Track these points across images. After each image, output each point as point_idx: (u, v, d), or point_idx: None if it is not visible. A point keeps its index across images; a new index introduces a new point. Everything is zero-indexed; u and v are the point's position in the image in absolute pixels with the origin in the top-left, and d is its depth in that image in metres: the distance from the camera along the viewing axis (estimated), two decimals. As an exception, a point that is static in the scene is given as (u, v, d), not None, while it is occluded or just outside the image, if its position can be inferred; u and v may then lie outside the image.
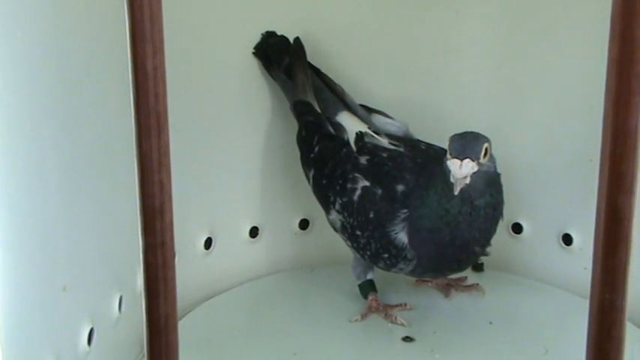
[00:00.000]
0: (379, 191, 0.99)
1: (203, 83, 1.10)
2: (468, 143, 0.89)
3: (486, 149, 0.90)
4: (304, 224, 1.20)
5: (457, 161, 0.88)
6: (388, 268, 1.00)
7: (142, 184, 0.36)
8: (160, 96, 0.35)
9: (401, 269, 0.99)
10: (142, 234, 0.37)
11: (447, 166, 0.90)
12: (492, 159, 0.92)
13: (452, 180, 0.88)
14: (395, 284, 1.10)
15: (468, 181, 0.88)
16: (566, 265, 1.13)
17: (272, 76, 1.13)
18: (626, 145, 0.34)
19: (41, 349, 0.77)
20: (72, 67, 0.83)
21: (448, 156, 0.89)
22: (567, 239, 1.14)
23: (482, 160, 0.89)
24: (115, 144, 0.92)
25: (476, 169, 0.88)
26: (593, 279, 0.36)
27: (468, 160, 0.88)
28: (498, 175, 0.95)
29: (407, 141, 1.04)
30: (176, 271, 0.39)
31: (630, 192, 0.35)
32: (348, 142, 1.05)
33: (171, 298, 0.38)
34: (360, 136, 1.05)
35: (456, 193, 0.88)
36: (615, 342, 0.36)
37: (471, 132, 0.91)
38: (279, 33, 1.13)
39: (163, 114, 0.35)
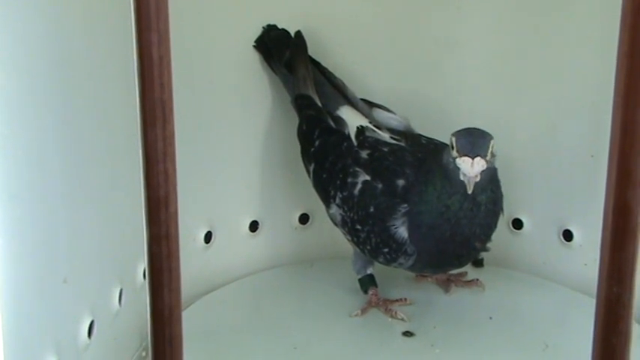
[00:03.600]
0: (380, 186, 0.99)
1: (203, 77, 1.10)
2: (477, 141, 0.89)
3: (492, 146, 0.90)
4: (304, 219, 1.20)
5: (468, 159, 0.88)
6: (388, 262, 1.00)
7: (146, 175, 0.36)
8: (166, 85, 0.35)
9: (401, 264, 0.99)
10: (146, 225, 0.37)
11: (450, 163, 0.89)
12: (494, 155, 0.92)
13: (462, 178, 0.88)
14: (395, 279, 1.10)
15: (478, 179, 0.88)
16: (567, 261, 1.14)
17: (273, 69, 1.13)
18: (636, 139, 0.34)
19: (42, 340, 0.77)
20: (74, 57, 0.83)
21: (456, 154, 0.89)
22: (568, 235, 1.14)
23: (489, 158, 0.89)
24: (115, 136, 0.92)
25: (485, 167, 0.88)
26: (601, 273, 0.36)
27: (479, 157, 0.88)
28: (496, 169, 0.95)
29: (408, 135, 1.04)
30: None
31: (638, 186, 0.34)
32: (348, 136, 1.04)
33: (176, 290, 0.37)
34: (360, 130, 1.04)
35: (470, 191, 0.88)
36: (622, 336, 0.36)
37: (475, 128, 0.91)
38: (280, 26, 1.13)
39: (169, 103, 0.35)
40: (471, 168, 0.87)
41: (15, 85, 0.70)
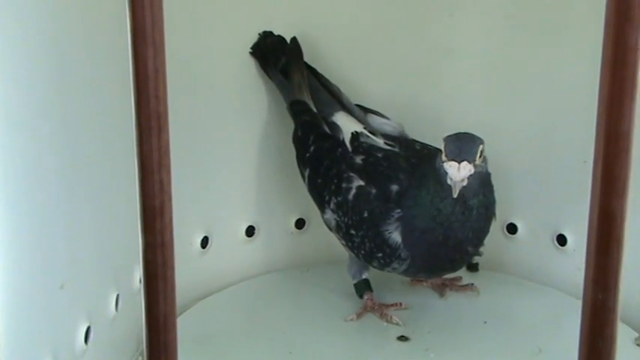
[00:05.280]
0: (374, 191, 0.99)
1: (200, 82, 1.10)
2: (465, 145, 0.90)
3: (481, 151, 0.90)
4: (300, 224, 1.20)
5: (455, 164, 0.88)
6: (382, 267, 1.01)
7: (142, 184, 0.37)
8: (161, 97, 0.35)
9: (395, 268, 1.00)
10: (141, 233, 0.38)
11: (441, 167, 0.90)
12: (485, 159, 0.93)
13: (449, 182, 0.89)
14: (390, 284, 1.10)
15: (465, 183, 0.89)
16: (560, 265, 1.14)
17: (269, 75, 1.14)
18: (619, 148, 0.35)
19: (39, 346, 0.77)
20: (71, 67, 0.83)
21: (444, 158, 0.90)
22: (561, 240, 1.14)
23: (477, 162, 0.90)
24: (113, 143, 0.92)
25: (473, 171, 0.89)
26: (586, 279, 0.37)
27: (465, 162, 0.88)
28: (489, 174, 0.95)
29: (402, 141, 1.05)
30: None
31: (623, 194, 0.35)
32: (343, 142, 1.05)
33: (171, 297, 0.38)
34: (355, 136, 1.05)
35: (455, 195, 0.89)
36: (607, 341, 0.37)
37: (465, 133, 0.92)
38: (276, 33, 1.14)
39: (164, 115, 0.36)
40: (457, 172, 0.88)
41: (14, 96, 0.71)
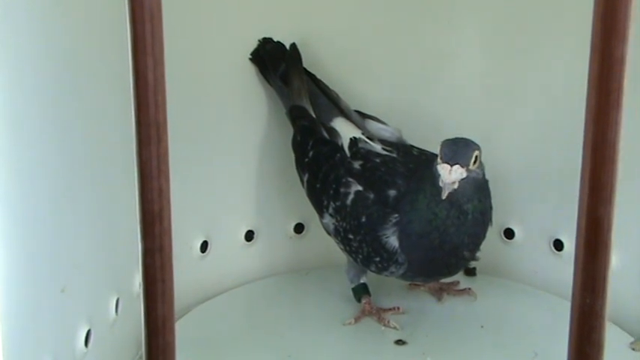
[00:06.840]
0: (371, 196, 1.00)
1: (199, 88, 1.11)
2: (459, 149, 0.91)
3: (476, 156, 0.91)
4: (299, 228, 1.21)
5: (447, 166, 0.90)
6: (379, 271, 1.02)
7: (141, 190, 0.38)
8: (160, 106, 0.36)
9: (392, 273, 1.01)
10: (141, 238, 0.39)
11: (436, 170, 0.91)
12: (481, 166, 0.94)
13: (440, 184, 0.90)
14: (388, 288, 1.11)
15: (456, 186, 0.90)
16: (557, 270, 1.15)
17: (268, 81, 1.15)
18: (606, 157, 0.36)
19: (39, 349, 0.78)
20: (73, 76, 0.84)
21: (439, 160, 0.91)
22: (558, 245, 1.15)
23: (471, 167, 0.91)
24: (113, 150, 0.93)
25: (465, 175, 0.90)
26: (575, 285, 0.37)
27: (457, 166, 0.89)
28: (486, 181, 0.96)
29: (400, 146, 1.06)
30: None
31: (610, 202, 0.36)
32: (342, 147, 1.06)
33: (169, 301, 0.39)
34: (354, 141, 1.06)
35: (444, 197, 0.90)
36: (595, 345, 0.37)
37: (463, 138, 0.93)
38: (275, 39, 1.14)
39: (163, 123, 0.37)
40: (448, 174, 0.89)
41: (16, 103, 0.72)
